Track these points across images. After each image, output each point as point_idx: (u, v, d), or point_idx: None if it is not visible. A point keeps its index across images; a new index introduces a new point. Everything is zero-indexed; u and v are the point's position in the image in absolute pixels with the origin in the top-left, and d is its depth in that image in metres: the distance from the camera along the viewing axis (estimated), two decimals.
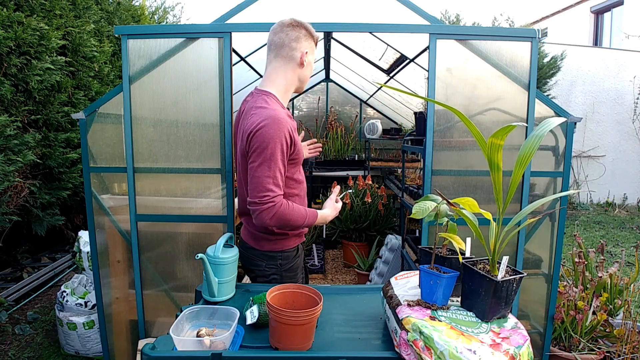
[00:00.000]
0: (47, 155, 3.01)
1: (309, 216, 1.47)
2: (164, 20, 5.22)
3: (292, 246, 1.59)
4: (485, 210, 1.01)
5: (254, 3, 1.95)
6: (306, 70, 1.54)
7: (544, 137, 0.86)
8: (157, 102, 1.95)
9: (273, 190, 1.35)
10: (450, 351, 0.84)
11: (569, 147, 2.03)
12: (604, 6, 10.03)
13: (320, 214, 1.53)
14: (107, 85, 3.64)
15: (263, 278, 1.57)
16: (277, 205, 1.36)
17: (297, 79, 1.54)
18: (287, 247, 1.57)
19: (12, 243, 3.66)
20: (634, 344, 2.08)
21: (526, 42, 1.92)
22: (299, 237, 1.63)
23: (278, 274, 1.57)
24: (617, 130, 7.44)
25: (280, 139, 1.36)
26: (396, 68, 3.78)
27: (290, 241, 1.58)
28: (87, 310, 2.56)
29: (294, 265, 1.61)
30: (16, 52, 2.63)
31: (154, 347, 0.97)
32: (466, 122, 0.89)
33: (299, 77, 1.54)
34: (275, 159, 1.35)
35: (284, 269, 1.57)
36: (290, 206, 1.40)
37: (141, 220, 2.00)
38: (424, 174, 2.00)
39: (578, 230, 5.64)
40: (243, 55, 3.22)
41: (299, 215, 1.42)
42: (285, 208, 1.38)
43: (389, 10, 2.15)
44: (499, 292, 0.93)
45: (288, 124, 1.40)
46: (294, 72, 1.52)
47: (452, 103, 1.94)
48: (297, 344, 0.99)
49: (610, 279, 2.42)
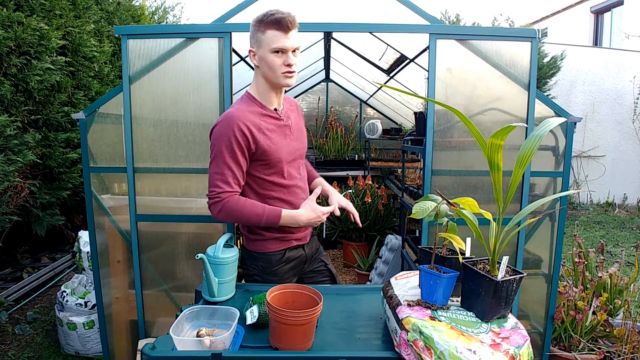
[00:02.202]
0: (47, 155, 3.00)
1: (268, 215, 1.42)
2: (164, 20, 5.22)
3: (273, 249, 1.54)
4: (485, 210, 1.01)
5: (254, 3, 1.95)
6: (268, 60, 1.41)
7: (544, 137, 0.86)
8: (157, 102, 1.95)
9: (219, 186, 1.40)
10: (450, 351, 0.84)
11: (569, 147, 2.03)
12: (604, 6, 10.03)
13: (286, 213, 1.44)
14: (107, 85, 3.64)
15: (247, 277, 1.59)
16: (224, 201, 1.40)
17: (265, 71, 1.44)
18: (268, 249, 1.54)
19: (12, 243, 3.66)
20: (634, 344, 2.08)
21: (526, 42, 1.92)
22: (282, 241, 1.55)
23: (260, 275, 1.56)
24: (617, 130, 7.44)
25: (228, 137, 1.39)
26: (396, 68, 3.79)
27: (270, 244, 1.54)
28: (87, 310, 2.56)
29: (278, 271, 1.55)
30: (16, 52, 2.63)
31: (154, 347, 0.97)
32: (466, 122, 0.89)
33: (263, 69, 1.44)
34: (222, 156, 1.40)
35: (265, 271, 1.55)
36: (240, 203, 1.41)
37: (141, 220, 2.00)
38: (424, 174, 2.00)
39: (578, 230, 5.64)
40: (243, 55, 3.22)
41: (250, 212, 1.41)
42: (233, 204, 1.40)
43: (389, 10, 2.15)
44: (499, 292, 0.93)
45: (241, 121, 1.39)
46: (258, 67, 1.46)
47: (452, 103, 1.94)
48: (297, 344, 0.99)
49: (610, 279, 2.42)
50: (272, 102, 1.51)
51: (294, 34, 1.40)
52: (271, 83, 1.46)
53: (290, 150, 1.53)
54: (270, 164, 1.47)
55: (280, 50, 1.39)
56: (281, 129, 1.51)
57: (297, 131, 1.59)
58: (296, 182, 1.57)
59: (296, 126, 1.59)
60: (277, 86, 1.48)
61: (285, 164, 1.51)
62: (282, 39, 1.37)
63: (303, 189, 1.61)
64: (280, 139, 1.50)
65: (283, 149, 1.49)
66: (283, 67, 1.41)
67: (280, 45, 1.38)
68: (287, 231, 1.54)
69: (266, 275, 1.56)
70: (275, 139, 1.47)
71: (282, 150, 1.48)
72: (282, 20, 1.36)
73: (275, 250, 1.55)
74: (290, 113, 1.59)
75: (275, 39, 1.38)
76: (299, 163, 1.62)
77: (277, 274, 1.56)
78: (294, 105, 1.67)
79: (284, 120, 1.53)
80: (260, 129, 1.44)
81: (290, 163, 1.54)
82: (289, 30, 1.38)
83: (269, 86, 1.48)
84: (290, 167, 1.54)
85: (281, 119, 1.52)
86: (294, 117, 1.60)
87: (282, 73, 1.42)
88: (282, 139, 1.50)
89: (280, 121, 1.52)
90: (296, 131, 1.58)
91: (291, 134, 1.55)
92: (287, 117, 1.56)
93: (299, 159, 1.61)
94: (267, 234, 1.53)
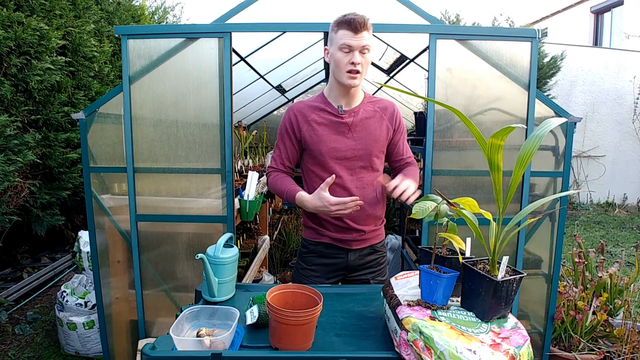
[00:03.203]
0: (47, 155, 3.00)
1: (288, 193, 1.55)
2: (164, 20, 5.22)
3: (307, 237, 1.66)
4: (485, 210, 1.01)
5: (254, 3, 1.95)
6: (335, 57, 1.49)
7: (544, 137, 0.86)
8: (157, 102, 1.95)
9: (270, 163, 1.67)
10: (450, 351, 0.84)
11: (569, 147, 2.03)
12: (604, 6, 10.04)
13: (299, 195, 1.52)
14: (107, 85, 3.64)
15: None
16: (269, 176, 1.65)
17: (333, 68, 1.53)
18: (305, 236, 1.68)
19: (12, 243, 3.66)
20: (634, 344, 2.08)
21: (526, 42, 1.91)
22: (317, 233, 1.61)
23: (298, 257, 1.72)
24: (617, 130, 7.44)
25: (283, 122, 1.61)
26: (396, 68, 3.79)
27: (307, 231, 1.67)
28: (87, 310, 2.56)
29: (307, 258, 1.66)
30: (16, 52, 2.63)
31: (154, 347, 0.97)
32: (466, 122, 0.89)
33: (332, 66, 1.53)
34: (278, 138, 1.64)
35: (300, 254, 1.70)
36: (276, 178, 1.61)
37: (141, 220, 2.00)
38: (424, 174, 2.00)
39: (578, 230, 5.64)
40: (243, 55, 3.22)
41: (280, 189, 1.58)
42: (272, 179, 1.63)
43: (389, 10, 2.15)
44: (499, 292, 0.93)
45: (292, 110, 1.59)
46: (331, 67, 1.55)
47: (452, 103, 1.94)
48: (297, 344, 0.99)
49: (610, 279, 2.42)
50: (337, 99, 1.56)
51: (365, 35, 1.46)
52: (337, 81, 1.53)
53: (339, 147, 1.54)
54: (313, 154, 1.57)
55: (348, 48, 1.46)
56: (336, 125, 1.55)
57: (361, 132, 1.55)
58: (342, 182, 1.54)
59: (362, 127, 1.56)
60: (342, 85, 1.52)
61: (331, 159, 1.54)
62: (350, 38, 1.45)
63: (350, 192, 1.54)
64: (329, 134, 1.54)
65: (327, 144, 1.54)
66: (348, 65, 1.47)
67: (347, 41, 1.45)
68: (322, 225, 1.60)
69: (299, 259, 1.71)
70: (321, 132, 1.54)
71: (325, 144, 1.54)
72: (352, 21, 1.44)
73: (308, 238, 1.66)
74: (365, 115, 1.57)
75: (344, 37, 1.45)
76: (357, 165, 1.56)
77: (306, 261, 1.67)
78: (381, 109, 1.61)
79: (344, 118, 1.54)
80: (307, 120, 1.56)
81: (340, 160, 1.54)
82: (358, 31, 1.44)
83: (336, 84, 1.55)
84: (339, 165, 1.54)
85: (341, 116, 1.54)
86: (367, 118, 1.57)
87: (346, 72, 1.48)
88: (331, 134, 1.54)
89: (338, 118, 1.55)
90: (360, 132, 1.55)
91: (350, 133, 1.54)
92: (353, 116, 1.55)
93: (356, 160, 1.56)
94: (307, 221, 1.66)
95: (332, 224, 1.57)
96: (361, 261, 1.63)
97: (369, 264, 1.65)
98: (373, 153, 1.57)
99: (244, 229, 3.17)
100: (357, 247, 1.61)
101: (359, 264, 1.63)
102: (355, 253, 1.61)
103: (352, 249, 1.60)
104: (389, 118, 1.61)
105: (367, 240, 1.62)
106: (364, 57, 1.47)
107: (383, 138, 1.59)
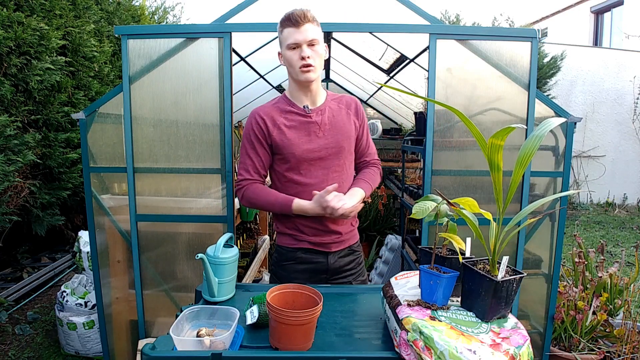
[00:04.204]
0: (47, 155, 3.00)
1: (281, 203, 1.47)
2: (164, 20, 5.22)
3: (285, 244, 1.58)
4: (485, 210, 1.01)
5: (254, 3, 1.95)
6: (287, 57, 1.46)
7: (544, 137, 0.86)
8: (157, 102, 1.95)
9: (241, 174, 1.54)
10: (450, 351, 0.84)
11: (569, 147, 2.03)
12: (604, 6, 10.03)
13: (296, 203, 1.46)
14: (107, 85, 3.64)
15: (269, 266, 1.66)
16: (244, 189, 1.53)
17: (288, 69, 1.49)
18: (282, 243, 1.60)
19: (12, 243, 3.66)
20: (634, 344, 2.08)
21: (526, 42, 1.91)
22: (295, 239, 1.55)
23: (274, 265, 1.64)
24: (617, 130, 7.44)
25: (248, 129, 1.53)
26: (396, 68, 3.78)
27: (284, 238, 1.59)
28: (87, 310, 2.56)
29: (288, 267, 1.58)
30: (16, 52, 2.63)
31: (154, 347, 0.97)
32: (466, 122, 0.89)
33: (287, 68, 1.50)
34: (244, 147, 1.54)
35: (277, 263, 1.61)
36: (257, 190, 1.51)
37: (141, 220, 2.00)
38: (424, 174, 2.00)
39: (578, 230, 5.64)
40: (243, 55, 3.22)
41: (265, 200, 1.50)
42: (251, 191, 1.51)
43: (389, 10, 2.15)
44: (499, 292, 0.93)
45: (258, 114, 1.51)
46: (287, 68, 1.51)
47: (452, 103, 1.93)
48: (297, 344, 0.99)
49: (610, 279, 2.42)
50: (301, 99, 1.52)
51: (308, 27, 1.41)
52: (295, 81, 1.50)
53: (313, 147, 1.50)
54: (286, 159, 1.50)
55: (295, 44, 1.42)
56: (305, 125, 1.50)
57: (331, 130, 1.52)
58: (318, 183, 1.50)
59: (332, 125, 1.53)
60: (300, 83, 1.48)
61: (305, 161, 1.50)
62: (294, 34, 1.41)
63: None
64: (300, 136, 1.49)
65: (300, 146, 1.48)
66: (299, 61, 1.43)
67: (292, 40, 1.41)
68: (300, 230, 1.54)
69: (277, 267, 1.61)
70: (292, 135, 1.48)
71: (298, 146, 1.48)
72: (291, 16, 1.40)
73: (286, 245, 1.58)
74: (332, 112, 1.55)
75: (289, 35, 1.42)
76: (332, 164, 1.53)
77: (286, 269, 1.59)
78: (345, 104, 1.60)
79: (312, 117, 1.51)
80: (276, 123, 1.50)
81: (315, 161, 1.51)
82: (299, 24, 1.40)
83: (295, 84, 1.52)
84: (314, 166, 1.51)
85: (309, 115, 1.51)
86: (334, 116, 1.54)
87: (299, 68, 1.44)
88: (302, 136, 1.49)
89: (307, 118, 1.50)
90: (330, 130, 1.52)
91: (320, 132, 1.51)
92: (320, 115, 1.52)
93: (331, 159, 1.52)
94: (282, 228, 1.59)
95: (310, 227, 1.53)
96: (341, 262, 1.61)
97: (348, 266, 1.63)
98: (346, 149, 1.55)
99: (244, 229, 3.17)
100: (336, 249, 1.58)
101: (340, 266, 1.61)
102: (334, 255, 1.59)
103: (332, 251, 1.58)
104: (354, 113, 1.60)
105: (344, 242, 1.60)
106: (313, 49, 1.43)
107: (353, 133, 1.58)
